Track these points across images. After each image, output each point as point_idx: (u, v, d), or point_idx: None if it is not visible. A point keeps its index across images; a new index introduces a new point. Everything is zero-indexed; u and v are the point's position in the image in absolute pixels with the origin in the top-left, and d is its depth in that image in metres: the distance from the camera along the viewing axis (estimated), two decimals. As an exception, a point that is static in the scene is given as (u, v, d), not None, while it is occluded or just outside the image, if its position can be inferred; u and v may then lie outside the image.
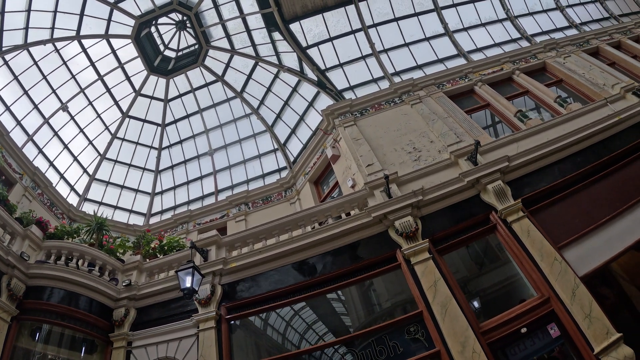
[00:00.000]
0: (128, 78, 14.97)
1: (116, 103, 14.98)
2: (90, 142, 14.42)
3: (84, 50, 13.87)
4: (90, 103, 14.34)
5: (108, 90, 14.69)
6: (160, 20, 14.75)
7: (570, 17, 14.48)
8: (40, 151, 12.82)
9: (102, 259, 8.84)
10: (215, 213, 13.20)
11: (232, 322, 7.56)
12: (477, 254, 8.08)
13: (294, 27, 12.98)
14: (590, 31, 13.48)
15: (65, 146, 13.67)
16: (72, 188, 13.56)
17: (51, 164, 13.09)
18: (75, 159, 13.91)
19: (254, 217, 12.53)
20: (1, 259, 7.49)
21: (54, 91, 13.41)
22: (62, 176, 13.32)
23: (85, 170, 14.18)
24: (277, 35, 13.28)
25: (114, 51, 14.35)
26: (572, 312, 6.08)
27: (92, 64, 14.13)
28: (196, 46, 15.16)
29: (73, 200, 13.27)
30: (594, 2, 15.45)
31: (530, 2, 14.31)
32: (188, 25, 14.67)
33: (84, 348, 8.06)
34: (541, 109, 10.89)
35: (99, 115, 14.62)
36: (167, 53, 15.57)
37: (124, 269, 9.11)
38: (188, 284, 6.98)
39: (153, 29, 14.90)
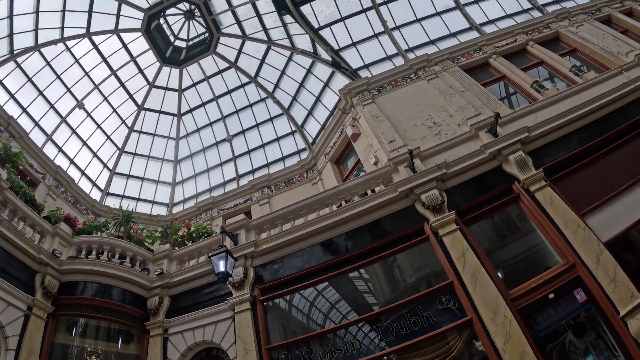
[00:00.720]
0: (141, 71, 15.12)
1: (131, 97, 15.18)
2: (108, 137, 14.68)
3: (95, 46, 14.02)
4: (106, 98, 14.55)
5: (122, 84, 14.87)
6: (169, 12, 14.79)
7: (580, -16, 14.22)
8: (60, 150, 13.12)
9: (133, 250, 9.07)
10: (238, 198, 13.44)
11: (265, 303, 7.80)
12: (502, 223, 8.23)
13: (305, 9, 12.98)
14: (601, -1, 13.28)
15: (84, 143, 13.96)
16: (93, 184, 13.89)
17: (72, 161, 13.39)
18: (95, 154, 14.21)
19: (278, 200, 12.77)
20: (33, 258, 7.68)
21: (68, 90, 13.62)
22: (83, 172, 13.65)
23: (105, 165, 14.47)
24: (288, 18, 13.30)
25: (125, 45, 14.48)
26: (597, 277, 6.21)
27: (104, 59, 14.30)
28: (206, 34, 15.21)
29: (96, 195, 13.61)
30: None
31: (542, -31, 14.05)
32: (197, 14, 14.70)
33: (120, 339, 8.29)
34: (556, 78, 10.86)
35: (114, 110, 14.85)
36: (178, 43, 15.66)
37: (154, 259, 9.34)
38: (222, 268, 7.16)
39: (162, 20, 14.93)
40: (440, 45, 12.34)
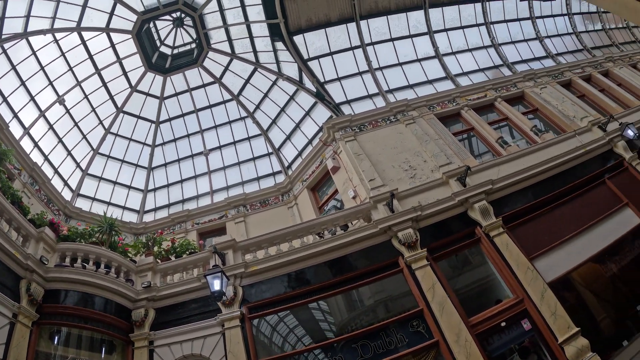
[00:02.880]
0: (125, 73, 15.50)
1: (112, 98, 15.51)
2: (84, 137, 14.89)
3: (84, 42, 14.23)
4: (86, 97, 14.80)
5: (104, 84, 15.18)
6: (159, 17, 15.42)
7: (548, 48, 16.72)
8: (36, 145, 13.16)
9: (118, 260, 9.39)
10: (213, 213, 14.23)
11: (253, 320, 8.84)
12: (463, 257, 9.86)
13: (298, 39, 14.27)
14: (565, 64, 15.72)
15: (60, 140, 14.08)
16: (65, 183, 13.97)
17: (46, 158, 13.41)
18: (69, 153, 14.34)
19: (253, 219, 13.76)
20: (19, 264, 7.63)
21: (50, 83, 13.76)
22: (56, 171, 13.71)
23: (78, 165, 14.62)
24: (279, 45, 14.48)
25: (113, 45, 14.81)
26: (541, 311, 8.11)
27: (91, 57, 14.55)
28: (194, 46, 16.02)
29: (67, 195, 13.69)
30: (570, 35, 17.77)
31: (513, 31, 16.44)
32: (190, 24, 15.45)
33: (103, 349, 8.56)
34: (518, 133, 12.85)
35: (93, 110, 15.12)
36: (164, 49, 16.21)
37: (138, 270, 9.79)
38: (217, 287, 8.16)
39: (152, 24, 15.49)
40: (417, 90, 14.12)
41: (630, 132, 11.25)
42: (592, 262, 9.55)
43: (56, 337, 8.06)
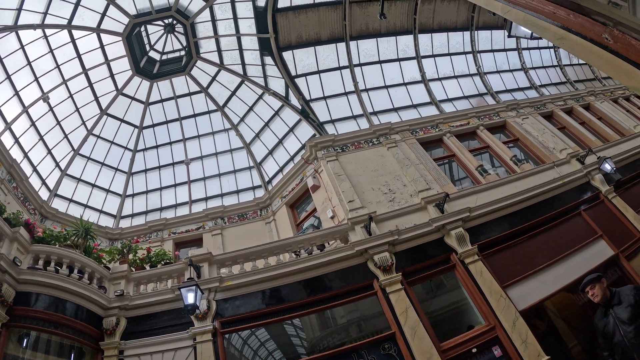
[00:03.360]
0: (112, 76, 15.51)
1: (96, 99, 15.48)
2: (66, 136, 14.78)
3: (73, 41, 14.21)
4: (71, 96, 14.74)
5: (90, 85, 15.16)
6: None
7: (532, 79, 17.33)
8: (17, 141, 13.01)
9: (92, 266, 9.32)
10: (191, 224, 14.23)
11: (226, 335, 8.87)
12: (438, 284, 10.12)
13: (287, 55, 14.53)
14: (548, 95, 16.31)
15: (41, 137, 13.94)
16: (43, 182, 13.80)
17: (25, 155, 13.26)
18: (50, 152, 14.20)
19: (230, 232, 13.81)
20: None
21: (36, 79, 13.68)
22: (35, 169, 13.54)
23: (57, 165, 14.47)
24: (268, 60, 14.69)
25: (102, 46, 14.83)
26: (512, 338, 8.29)
27: (79, 56, 14.54)
28: (184, 53, 16.15)
29: (44, 195, 13.50)
30: (554, 67, 18.44)
31: (499, 61, 16.96)
32: (180, 31, 15.60)
33: (72, 355, 8.45)
34: (498, 161, 13.25)
35: (77, 110, 15.04)
36: (152, 54, 16.31)
37: (111, 277, 9.74)
38: (191, 300, 8.20)
39: (142, 28, 15.59)
40: (401, 114, 14.48)
41: (607, 166, 11.68)
42: (565, 291, 9.89)
43: (25, 341, 7.94)
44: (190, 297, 8.25)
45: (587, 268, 9.78)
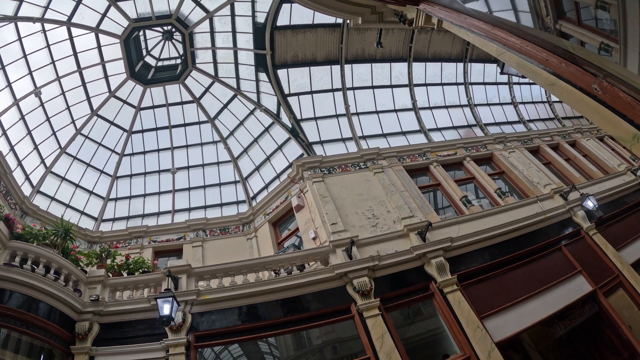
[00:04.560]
0: (106, 77, 15.61)
1: (88, 99, 15.54)
2: (54, 133, 14.78)
3: (71, 38, 14.30)
4: (63, 93, 14.79)
5: (84, 84, 15.23)
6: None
7: (521, 113, 17.84)
8: (4, 133, 12.97)
9: (69, 268, 9.30)
10: (172, 234, 14.23)
11: (199, 349, 8.88)
12: (416, 310, 10.28)
13: (281, 72, 14.80)
14: (535, 130, 16.84)
15: (29, 132, 13.91)
16: (27, 177, 13.71)
17: (12, 148, 13.20)
18: (36, 147, 14.16)
19: (211, 245, 13.86)
20: None
21: (30, 73, 13.72)
22: (20, 163, 13.47)
23: (43, 161, 14.42)
24: (263, 76, 14.94)
25: (99, 47, 14.95)
26: None
27: (75, 54, 14.63)
28: (179, 62, 16.33)
29: (26, 190, 13.41)
30: (543, 103, 19.03)
31: (490, 94, 17.46)
32: (177, 39, 15.81)
33: (42, 356, 8.35)
34: (481, 192, 13.57)
35: (68, 108, 15.08)
36: (148, 60, 16.49)
37: (87, 281, 9.70)
38: (166, 312, 8.20)
39: (141, 32, 15.78)
40: (390, 140, 14.78)
41: (590, 203, 12.00)
42: (542, 324, 10.09)
43: (-6, 338, 7.88)
44: (166, 308, 8.26)
45: (565, 302, 10.09)
